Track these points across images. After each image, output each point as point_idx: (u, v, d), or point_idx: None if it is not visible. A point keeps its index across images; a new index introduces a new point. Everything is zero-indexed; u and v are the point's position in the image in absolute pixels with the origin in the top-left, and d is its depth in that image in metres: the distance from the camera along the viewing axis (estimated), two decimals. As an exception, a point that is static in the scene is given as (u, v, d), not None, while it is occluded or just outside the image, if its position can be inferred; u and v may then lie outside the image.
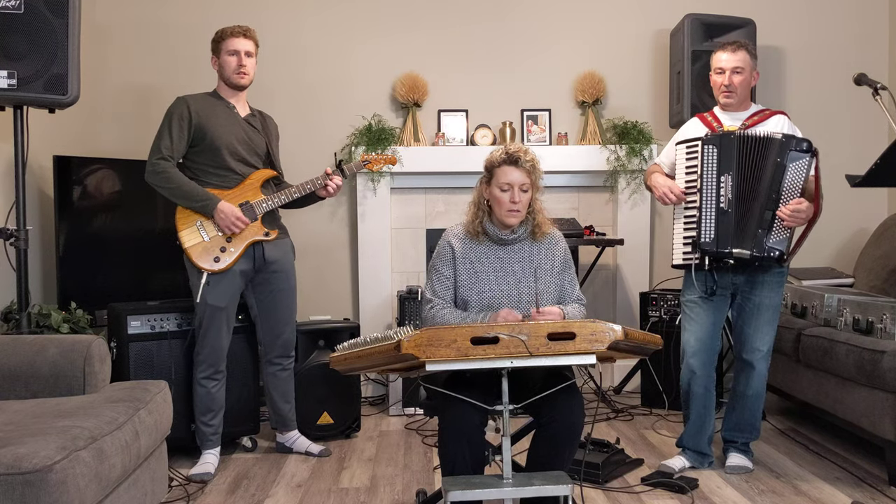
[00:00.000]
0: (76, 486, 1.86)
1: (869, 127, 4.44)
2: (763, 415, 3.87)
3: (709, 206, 2.99)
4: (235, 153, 3.18)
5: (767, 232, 2.96)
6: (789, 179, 2.95)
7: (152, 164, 3.11)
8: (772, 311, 3.09)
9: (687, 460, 3.16)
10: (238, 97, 3.27)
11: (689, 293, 3.14)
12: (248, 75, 3.22)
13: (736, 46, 3.12)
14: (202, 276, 3.09)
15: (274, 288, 3.28)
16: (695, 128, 3.20)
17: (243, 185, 3.20)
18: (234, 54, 3.18)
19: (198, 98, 3.21)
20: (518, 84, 4.50)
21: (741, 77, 3.10)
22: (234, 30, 3.20)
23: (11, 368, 2.46)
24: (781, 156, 2.95)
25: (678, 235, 3.10)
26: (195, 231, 3.11)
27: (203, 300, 3.10)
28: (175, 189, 3.10)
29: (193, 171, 3.18)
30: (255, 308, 3.32)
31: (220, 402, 3.23)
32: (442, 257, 2.62)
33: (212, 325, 3.15)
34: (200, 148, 3.15)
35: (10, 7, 2.79)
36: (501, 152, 2.58)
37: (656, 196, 3.16)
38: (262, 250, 3.22)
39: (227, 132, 3.17)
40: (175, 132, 3.11)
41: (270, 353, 3.36)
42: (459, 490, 2.08)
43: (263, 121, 3.36)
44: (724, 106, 3.17)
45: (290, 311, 3.36)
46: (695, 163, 3.05)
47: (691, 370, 3.14)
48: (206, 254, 3.10)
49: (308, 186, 3.28)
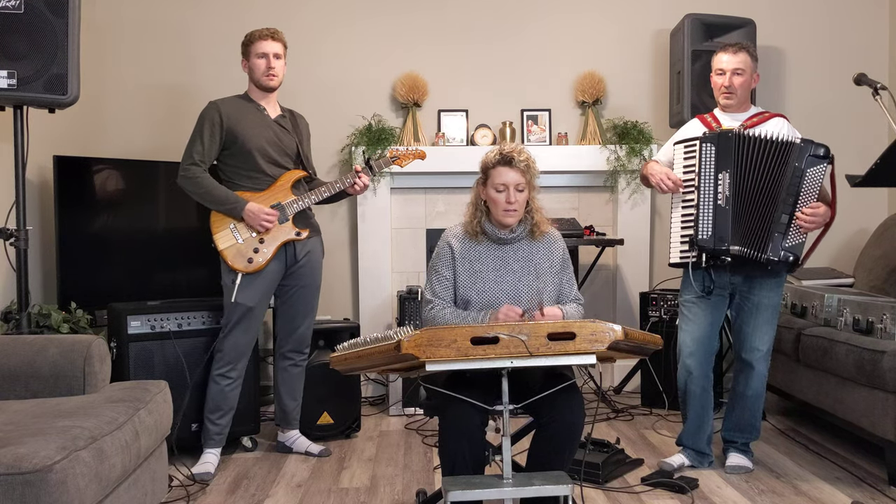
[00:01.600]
0: (76, 486, 1.86)
1: (869, 127, 4.44)
2: (763, 415, 3.87)
3: (706, 202, 2.99)
4: (266, 155, 3.22)
5: (784, 235, 2.96)
6: (807, 184, 2.96)
7: (184, 170, 3.18)
8: (771, 310, 3.09)
9: (686, 458, 3.17)
10: (268, 98, 3.31)
11: (687, 293, 3.14)
12: (278, 77, 3.26)
13: (737, 48, 3.13)
14: (235, 276, 3.14)
15: (298, 283, 3.32)
16: (694, 128, 3.20)
17: (274, 187, 3.24)
18: (263, 57, 3.22)
19: (228, 102, 3.25)
20: (518, 84, 4.50)
21: (742, 79, 3.10)
22: (263, 32, 3.24)
23: (11, 368, 2.46)
24: (800, 160, 2.95)
25: (675, 234, 3.10)
26: (229, 233, 3.16)
27: (235, 300, 3.15)
28: (205, 194, 3.16)
29: (227, 174, 3.24)
30: (276, 300, 3.37)
31: (232, 403, 3.25)
32: (441, 258, 2.63)
33: (239, 323, 3.19)
34: (232, 151, 3.20)
35: (10, 7, 2.79)
36: (496, 153, 2.58)
37: (653, 182, 3.14)
38: (294, 250, 3.26)
39: (257, 135, 3.21)
40: (206, 137, 3.17)
41: (284, 347, 3.39)
42: (459, 490, 2.08)
43: (294, 120, 3.40)
44: (725, 107, 3.18)
45: (310, 307, 3.39)
46: (692, 161, 3.05)
47: (688, 370, 3.15)
48: (240, 255, 3.15)
49: (337, 185, 3.32)
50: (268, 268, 3.18)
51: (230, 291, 3.16)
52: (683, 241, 3.06)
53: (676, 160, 3.13)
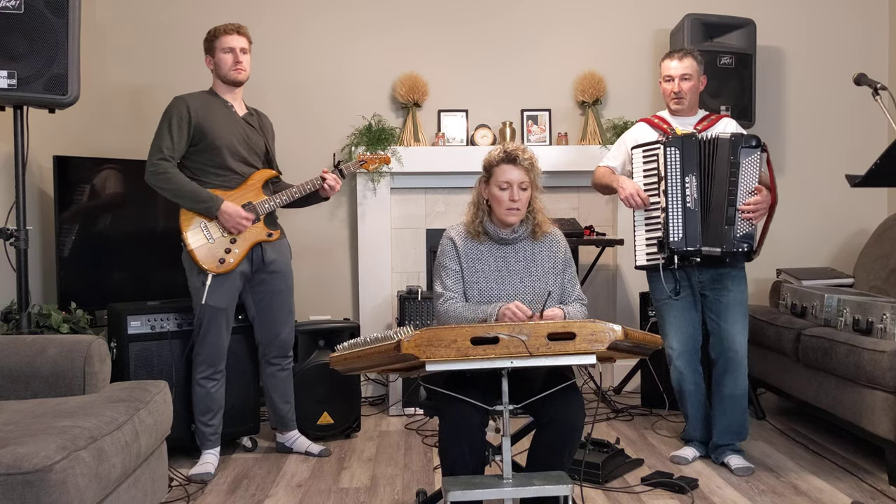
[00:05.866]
0: (76, 486, 1.86)
1: (869, 127, 4.44)
2: (763, 414, 3.88)
3: (675, 206, 3.10)
4: (236, 153, 3.18)
5: (733, 227, 3.07)
6: (745, 175, 3.07)
7: (153, 165, 3.09)
8: (743, 305, 3.20)
9: (697, 451, 3.26)
10: (235, 95, 3.26)
11: (660, 293, 3.23)
12: (246, 70, 3.22)
13: (683, 54, 3.27)
14: (206, 278, 3.08)
15: (272, 289, 3.28)
16: (645, 132, 3.32)
17: (245, 186, 3.20)
18: (230, 52, 3.18)
19: (196, 97, 3.19)
20: (518, 84, 4.50)
21: (689, 83, 3.25)
22: (228, 27, 3.21)
23: (11, 368, 2.46)
24: (734, 153, 3.07)
25: (640, 237, 3.21)
26: (199, 232, 3.10)
27: (205, 302, 3.10)
28: (177, 190, 3.08)
29: (193, 170, 3.15)
30: (253, 309, 3.31)
31: (220, 402, 3.23)
32: (446, 253, 2.63)
33: (212, 326, 3.14)
34: (200, 147, 3.14)
35: (10, 7, 2.79)
36: (500, 151, 2.59)
37: (621, 197, 3.24)
38: (262, 251, 3.22)
39: (226, 131, 3.16)
40: (175, 132, 3.09)
41: (268, 354, 3.36)
42: (459, 490, 2.08)
43: (260, 119, 3.36)
44: (675, 112, 3.31)
45: (288, 312, 3.35)
46: (653, 165, 3.16)
47: (679, 371, 3.25)
48: (211, 255, 3.10)
49: (308, 187, 3.28)
50: (237, 269, 3.14)
51: (199, 294, 3.08)
52: (650, 244, 3.16)
53: (636, 164, 3.23)
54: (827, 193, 4.54)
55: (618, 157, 3.39)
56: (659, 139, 3.17)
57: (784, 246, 4.47)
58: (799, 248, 4.54)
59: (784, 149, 4.58)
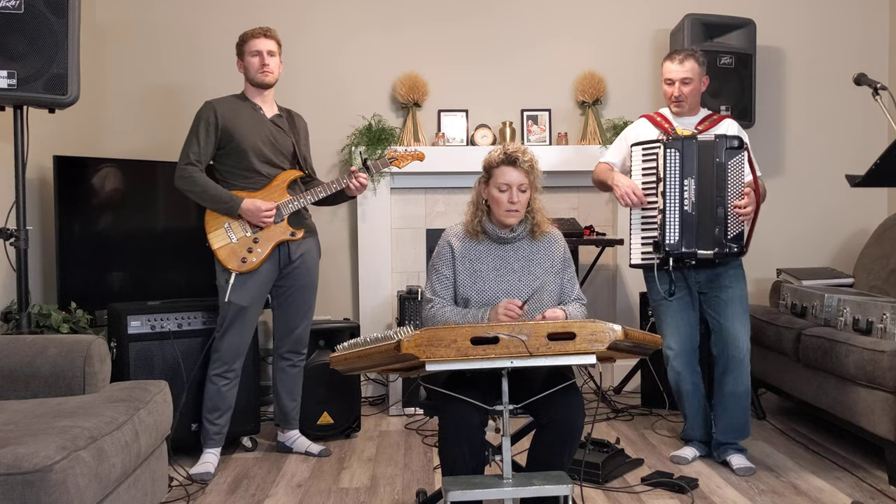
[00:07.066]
0: (76, 486, 1.86)
1: (869, 127, 4.44)
2: (763, 414, 3.88)
3: (672, 208, 3.09)
4: (261, 155, 3.22)
5: (724, 228, 3.08)
6: (732, 176, 3.08)
7: (180, 170, 3.19)
8: (743, 302, 3.19)
9: (697, 450, 3.26)
10: (264, 97, 3.31)
11: (656, 293, 3.23)
12: (273, 73, 3.27)
13: (684, 56, 3.25)
14: (229, 276, 3.14)
15: (295, 283, 3.32)
16: (646, 129, 3.31)
17: (270, 187, 3.24)
18: (257, 55, 3.23)
19: (224, 101, 3.26)
20: (518, 84, 4.50)
21: (690, 87, 3.23)
22: (255, 31, 3.26)
23: (11, 368, 2.46)
24: (720, 156, 3.08)
25: (635, 235, 3.20)
26: (223, 233, 3.17)
27: (228, 299, 3.14)
28: (201, 192, 3.17)
29: (222, 173, 3.25)
30: (274, 301, 3.36)
31: (230, 403, 3.25)
32: (441, 257, 2.63)
33: (234, 323, 3.19)
34: (227, 151, 3.21)
35: (10, 7, 2.78)
36: (500, 152, 2.59)
37: (616, 195, 3.24)
38: (288, 250, 3.27)
39: (252, 134, 3.21)
40: (202, 137, 3.18)
41: (282, 348, 3.39)
42: (459, 490, 2.08)
43: (291, 120, 3.40)
44: (676, 114, 3.30)
45: (307, 308, 3.39)
46: (652, 165, 3.16)
47: (676, 372, 3.25)
48: (234, 255, 3.16)
49: (334, 185, 3.31)
50: (261, 268, 3.18)
51: (224, 291, 3.16)
52: (645, 243, 3.16)
53: (635, 162, 3.22)
54: (827, 193, 4.54)
55: (618, 154, 3.38)
56: (659, 138, 3.17)
57: (784, 246, 4.48)
58: (799, 248, 4.54)
59: (784, 149, 4.59)
